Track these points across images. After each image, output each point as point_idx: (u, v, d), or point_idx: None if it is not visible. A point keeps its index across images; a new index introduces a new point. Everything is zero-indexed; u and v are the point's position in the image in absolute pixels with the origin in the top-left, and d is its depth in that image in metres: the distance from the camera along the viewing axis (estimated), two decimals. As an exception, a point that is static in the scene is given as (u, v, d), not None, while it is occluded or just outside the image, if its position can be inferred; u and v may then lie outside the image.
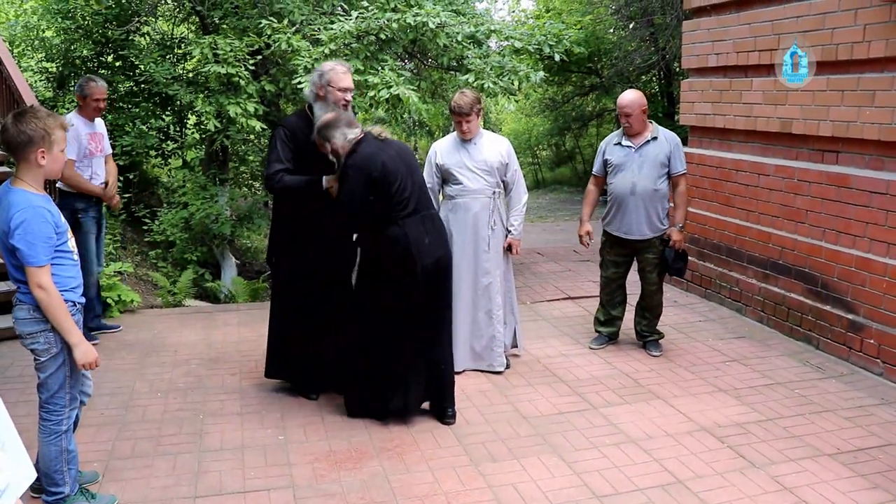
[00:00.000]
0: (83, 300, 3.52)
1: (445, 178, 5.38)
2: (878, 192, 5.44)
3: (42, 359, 3.36)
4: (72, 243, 3.45)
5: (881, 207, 5.42)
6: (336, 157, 4.46)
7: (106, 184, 6.04)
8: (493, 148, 5.36)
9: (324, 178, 4.58)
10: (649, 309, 5.89)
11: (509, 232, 5.46)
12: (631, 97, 5.54)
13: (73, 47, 8.71)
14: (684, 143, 7.21)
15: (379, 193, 4.35)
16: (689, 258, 6.31)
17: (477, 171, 5.29)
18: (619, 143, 5.65)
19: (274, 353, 5.03)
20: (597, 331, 6.11)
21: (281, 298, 5.00)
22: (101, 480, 3.91)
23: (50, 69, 9.29)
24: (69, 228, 3.48)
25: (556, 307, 7.14)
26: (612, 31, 14.49)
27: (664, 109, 14.07)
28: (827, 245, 5.90)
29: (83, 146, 5.79)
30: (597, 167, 5.86)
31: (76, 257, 3.48)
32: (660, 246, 5.65)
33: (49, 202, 3.34)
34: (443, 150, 5.38)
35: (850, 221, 5.70)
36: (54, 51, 8.98)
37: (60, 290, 3.30)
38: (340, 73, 4.70)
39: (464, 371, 5.42)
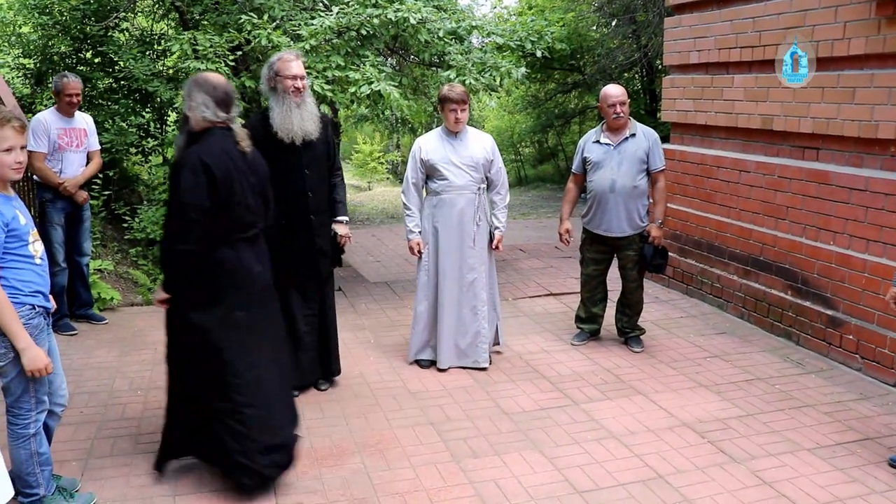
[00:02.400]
0: (48, 305, 3.42)
1: (430, 173, 5.36)
2: (858, 189, 5.48)
3: (1, 363, 3.28)
4: (34, 247, 3.34)
5: (860, 204, 5.45)
6: (180, 127, 3.85)
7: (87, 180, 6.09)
8: (478, 144, 5.35)
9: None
10: (630, 305, 5.91)
11: (496, 228, 5.45)
12: (622, 89, 5.63)
13: (50, 43, 8.60)
14: (666, 140, 7.23)
15: (218, 201, 3.65)
16: (671, 255, 6.34)
17: (462, 166, 5.28)
18: (598, 141, 5.66)
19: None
20: (578, 327, 6.11)
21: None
22: (80, 486, 3.85)
23: (27, 65, 9.17)
24: (33, 231, 3.39)
25: (538, 303, 7.14)
26: (594, 28, 14.51)
27: (646, 106, 14.12)
28: (807, 241, 5.93)
29: (52, 141, 5.91)
30: (576, 165, 5.86)
31: (39, 260, 3.37)
32: (640, 243, 5.67)
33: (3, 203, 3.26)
34: (428, 146, 5.36)
35: (830, 218, 5.73)
36: (31, 47, 8.87)
37: (16, 294, 3.22)
38: (288, 62, 4.65)
39: (448, 368, 5.42)
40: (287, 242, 4.74)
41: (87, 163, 6.21)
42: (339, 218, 5.05)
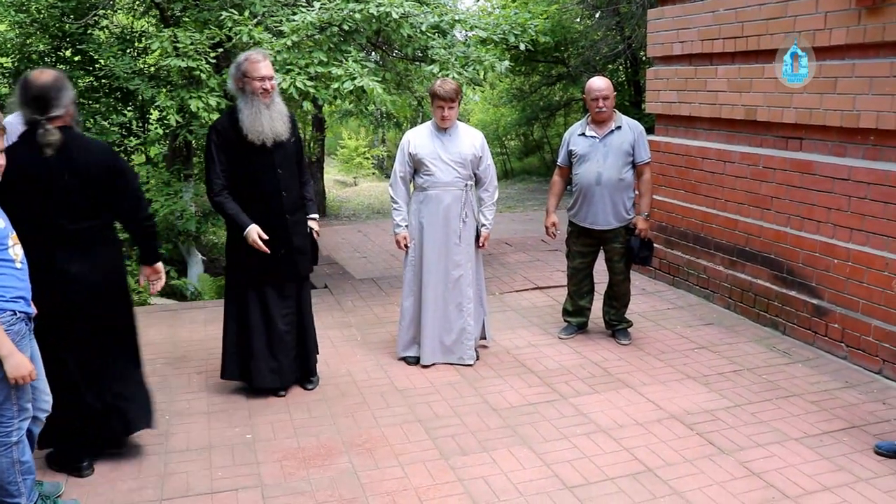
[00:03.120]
0: (30, 310, 3.37)
1: (417, 167, 5.33)
2: (841, 178, 5.49)
3: None
4: (14, 251, 3.29)
5: (844, 193, 5.47)
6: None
7: None
8: (468, 140, 5.32)
9: (249, 227, 4.61)
10: (617, 298, 5.91)
11: (483, 226, 5.44)
12: (605, 82, 5.59)
13: (28, 42, 8.50)
14: (650, 131, 7.23)
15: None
16: (657, 246, 6.34)
17: (450, 162, 5.25)
18: (584, 134, 5.65)
19: (230, 354, 4.95)
20: (565, 320, 6.11)
21: (236, 296, 4.91)
22: (63, 490, 3.82)
23: (5, 64, 9.07)
24: (13, 234, 3.34)
25: (525, 297, 7.13)
26: (578, 20, 14.48)
27: (631, 98, 14.11)
28: (792, 231, 5.94)
29: None
30: (561, 158, 5.85)
31: (20, 265, 3.32)
32: (626, 235, 5.66)
33: None
34: (416, 140, 5.33)
35: (813, 207, 5.74)
36: (9, 45, 8.77)
37: None
38: (255, 62, 4.56)
39: (433, 364, 5.40)
40: (264, 242, 4.71)
41: None
42: (311, 215, 5.04)
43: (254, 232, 4.61)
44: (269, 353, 4.88)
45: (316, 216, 5.10)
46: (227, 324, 4.96)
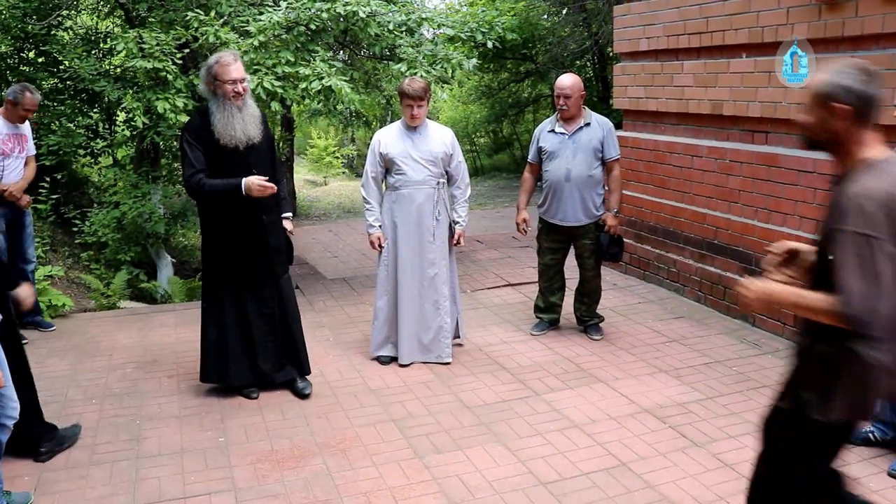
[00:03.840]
0: None
1: (388, 167, 5.31)
2: (806, 171, 5.56)
3: None
4: None
5: (809, 185, 5.54)
6: None
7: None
8: (438, 138, 5.32)
9: (243, 181, 4.48)
10: (588, 294, 5.94)
11: (456, 223, 5.43)
12: (570, 80, 5.56)
13: (-10, 43, 8.39)
14: (619, 126, 7.27)
15: None
16: (627, 241, 6.38)
17: (421, 161, 5.24)
18: (553, 131, 5.66)
19: (209, 357, 4.90)
20: (537, 317, 6.13)
21: (213, 298, 4.86)
22: (32, 500, 3.76)
23: (-33, 67, 8.93)
24: None
25: (497, 294, 7.15)
26: (545, 16, 14.53)
27: (599, 93, 14.19)
28: (759, 224, 6.01)
29: None
30: (531, 155, 5.86)
31: None
32: (596, 232, 5.69)
33: None
34: (387, 140, 5.31)
35: (780, 200, 5.81)
36: (-30, 47, 8.64)
37: None
38: (226, 65, 4.47)
39: (411, 364, 5.40)
40: (240, 243, 4.67)
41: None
42: (285, 214, 5.00)
43: (251, 180, 4.47)
44: (247, 353, 4.85)
45: (290, 215, 5.07)
46: (205, 327, 4.91)
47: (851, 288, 2.33)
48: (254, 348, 4.86)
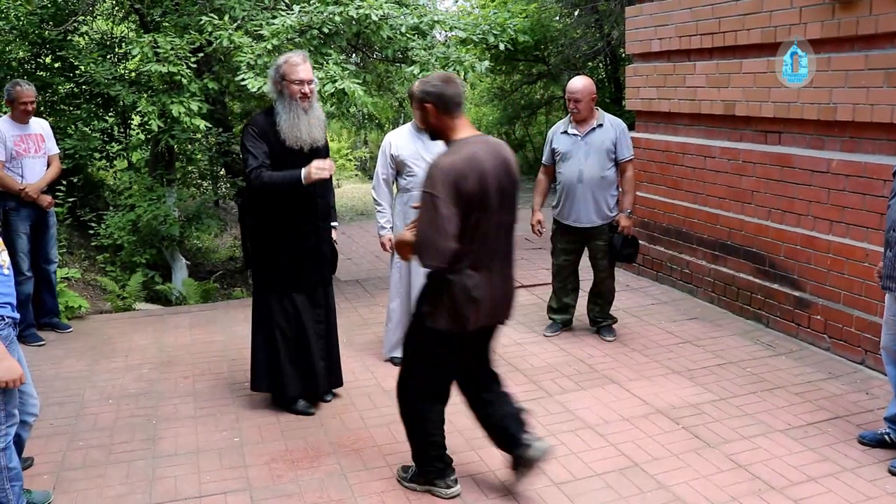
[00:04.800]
0: (16, 315, 3.37)
1: (400, 169, 5.33)
2: (820, 171, 5.55)
3: None
4: (2, 257, 3.29)
5: (823, 186, 5.53)
6: None
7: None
8: None
9: (302, 170, 4.38)
10: (602, 295, 5.94)
11: None
12: (581, 84, 5.56)
13: (7, 49, 8.46)
14: (631, 127, 7.27)
15: None
16: (640, 242, 6.38)
17: None
18: (566, 132, 5.67)
19: (260, 365, 4.76)
20: (550, 318, 6.14)
21: (265, 305, 4.73)
22: (52, 499, 3.80)
23: (-16, 72, 9.03)
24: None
25: (511, 296, 7.14)
26: (557, 18, 14.52)
27: (611, 95, 14.16)
28: (773, 224, 6.00)
29: (9, 148, 5.87)
30: (545, 156, 5.88)
31: (7, 271, 3.32)
32: (609, 233, 5.69)
33: None
34: (398, 141, 5.32)
35: (794, 200, 5.80)
36: (-12, 53, 8.73)
37: None
38: (294, 66, 4.41)
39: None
40: (296, 247, 4.61)
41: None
42: (333, 223, 4.95)
43: (309, 166, 4.38)
44: (302, 362, 4.73)
45: (336, 224, 5.01)
46: (255, 333, 4.79)
47: (422, 230, 3.30)
48: (307, 355, 4.73)
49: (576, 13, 13.82)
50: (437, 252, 3.28)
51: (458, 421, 4.58)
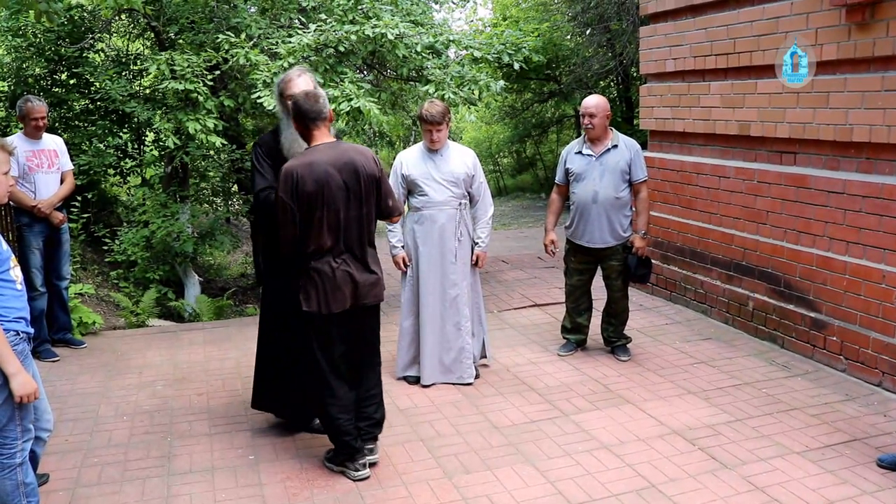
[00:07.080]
0: (30, 330, 3.38)
1: (411, 189, 5.35)
2: (836, 192, 5.54)
3: None
4: (15, 272, 3.32)
5: (839, 206, 5.51)
6: None
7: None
8: (460, 159, 5.35)
9: None
10: (616, 315, 5.92)
11: (476, 244, 5.45)
12: (596, 100, 5.59)
13: (24, 66, 8.54)
14: (644, 147, 7.27)
15: None
16: (654, 262, 6.36)
17: (443, 182, 5.27)
18: (580, 152, 5.68)
19: (263, 383, 4.71)
20: (564, 338, 6.12)
21: (269, 323, 4.66)
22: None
23: (1, 88, 9.10)
24: (13, 257, 3.36)
25: (524, 315, 7.14)
26: (569, 37, 14.59)
27: (623, 114, 14.20)
28: (788, 245, 5.98)
29: (21, 164, 5.88)
30: (559, 176, 5.88)
31: (20, 286, 3.34)
32: (623, 253, 5.68)
33: None
34: (409, 161, 5.35)
35: (809, 221, 5.78)
36: (5, 69, 8.80)
37: (0, 321, 3.20)
38: (288, 81, 4.41)
39: (433, 384, 5.41)
40: None
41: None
42: None
43: None
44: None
45: None
46: (260, 351, 4.73)
47: (279, 224, 3.93)
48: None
49: (587, 32, 13.87)
50: (283, 241, 3.95)
51: (474, 441, 4.58)
